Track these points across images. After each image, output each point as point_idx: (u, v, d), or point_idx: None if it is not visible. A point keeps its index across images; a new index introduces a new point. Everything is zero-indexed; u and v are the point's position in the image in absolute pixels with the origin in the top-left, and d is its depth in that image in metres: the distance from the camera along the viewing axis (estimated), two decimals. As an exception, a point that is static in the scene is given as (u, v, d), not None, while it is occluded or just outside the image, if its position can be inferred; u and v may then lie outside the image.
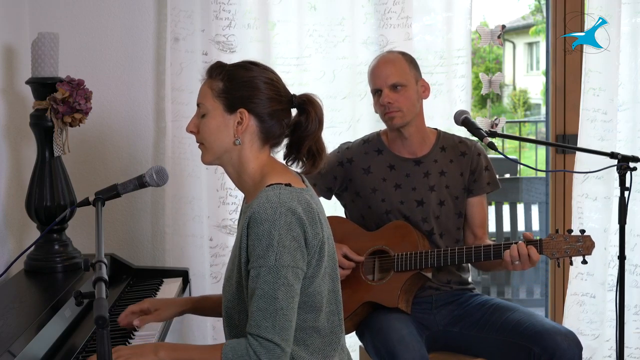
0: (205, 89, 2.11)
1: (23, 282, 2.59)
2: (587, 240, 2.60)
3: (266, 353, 1.92)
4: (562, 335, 2.59)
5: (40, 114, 2.68)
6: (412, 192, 2.83)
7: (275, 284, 1.94)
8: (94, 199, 2.12)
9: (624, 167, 2.67)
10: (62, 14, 3.22)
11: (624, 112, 3.44)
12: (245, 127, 2.07)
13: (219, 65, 2.12)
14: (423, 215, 2.83)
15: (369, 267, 2.83)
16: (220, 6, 3.23)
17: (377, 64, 2.83)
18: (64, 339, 2.16)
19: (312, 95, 2.15)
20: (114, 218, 3.34)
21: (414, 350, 2.56)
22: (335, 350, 2.12)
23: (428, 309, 2.84)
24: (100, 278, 1.65)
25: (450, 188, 2.85)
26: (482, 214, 2.91)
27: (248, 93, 2.07)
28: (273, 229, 1.95)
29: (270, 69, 2.14)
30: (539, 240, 2.63)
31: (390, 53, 2.91)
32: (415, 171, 2.84)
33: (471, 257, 2.71)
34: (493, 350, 2.73)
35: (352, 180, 2.87)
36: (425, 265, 2.73)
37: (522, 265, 2.63)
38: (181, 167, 3.25)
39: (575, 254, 2.61)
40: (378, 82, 2.79)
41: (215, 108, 2.08)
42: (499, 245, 2.68)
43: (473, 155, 2.87)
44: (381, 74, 2.79)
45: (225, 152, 2.10)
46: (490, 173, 2.90)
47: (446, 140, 2.89)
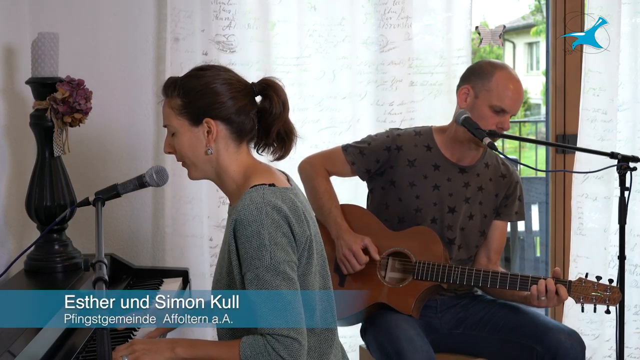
0: (166, 110, 2.11)
1: (23, 282, 2.59)
2: (615, 292, 2.60)
3: (285, 349, 1.92)
4: (565, 334, 2.60)
5: (40, 114, 2.68)
6: (448, 197, 2.81)
7: (276, 280, 1.94)
8: (94, 199, 2.12)
9: (624, 167, 2.67)
10: (62, 14, 3.21)
11: (624, 112, 3.45)
12: (216, 134, 2.07)
13: (172, 82, 2.11)
14: (451, 222, 2.81)
15: (383, 264, 2.80)
16: (220, 6, 3.23)
17: (516, 87, 2.76)
18: (64, 339, 2.16)
19: (272, 79, 2.12)
20: (114, 218, 3.34)
21: (423, 351, 2.56)
22: (330, 347, 2.12)
23: (433, 313, 2.84)
24: (100, 278, 1.65)
25: (482, 205, 2.85)
26: (502, 240, 2.91)
27: (207, 100, 2.06)
28: (262, 228, 1.95)
29: (221, 68, 2.13)
30: (568, 282, 2.61)
31: (518, 76, 2.82)
32: (457, 178, 2.83)
33: (496, 283, 2.68)
34: (496, 350, 2.73)
35: (393, 167, 2.83)
36: (447, 280, 2.71)
37: (547, 302, 2.60)
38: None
39: (601, 303, 2.61)
40: (510, 105, 2.74)
41: (181, 125, 2.08)
42: (526, 277, 2.65)
43: (512, 182, 2.89)
44: (516, 100, 2.75)
45: (204, 164, 2.10)
46: (521, 205, 2.91)
47: (491, 158, 2.89)
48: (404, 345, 2.56)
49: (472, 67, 2.88)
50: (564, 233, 3.62)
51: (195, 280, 3.19)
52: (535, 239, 5.70)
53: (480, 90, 2.76)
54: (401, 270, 2.78)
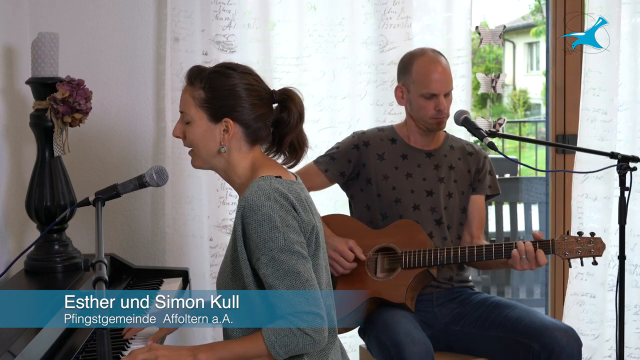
0: (186, 97, 2.12)
1: (23, 282, 2.59)
2: (598, 242, 2.63)
3: (308, 324, 1.94)
4: (561, 331, 2.60)
5: (40, 114, 2.68)
6: (423, 182, 2.88)
7: (292, 260, 1.96)
8: (94, 199, 2.12)
9: (624, 167, 2.67)
10: (62, 14, 3.22)
11: (624, 112, 3.44)
12: (232, 135, 2.09)
13: (199, 72, 2.12)
14: (432, 205, 2.87)
15: (372, 262, 2.83)
16: (220, 6, 3.23)
17: (436, 68, 2.84)
18: (64, 339, 2.16)
19: (291, 90, 2.15)
20: (114, 218, 3.34)
21: (421, 343, 2.58)
22: (332, 343, 2.13)
23: (429, 307, 2.85)
24: (100, 278, 1.65)
25: (458, 182, 2.91)
26: (481, 214, 2.97)
27: (231, 102, 2.08)
28: (272, 211, 1.97)
29: (248, 71, 2.14)
30: (551, 240, 2.65)
31: (439, 55, 2.89)
32: (426, 162, 2.90)
33: (482, 255, 2.73)
34: (493, 348, 2.74)
35: (365, 165, 2.89)
36: (434, 263, 2.74)
37: (529, 264, 2.65)
38: (181, 167, 3.25)
39: (586, 255, 2.63)
40: (437, 88, 2.82)
41: (199, 117, 2.10)
42: (510, 244, 2.70)
43: (480, 157, 2.96)
44: (442, 80, 2.82)
45: (213, 157, 2.12)
46: (493, 178, 2.97)
47: (454, 141, 2.98)
48: (402, 338, 2.58)
49: (399, 63, 2.95)
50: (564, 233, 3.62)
51: (195, 280, 3.19)
52: (535, 239, 5.69)
53: (409, 84, 2.86)
54: (390, 265, 2.81)
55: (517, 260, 2.66)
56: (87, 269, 1.78)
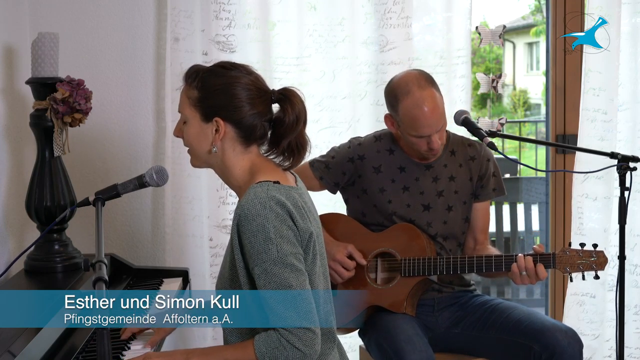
0: (183, 97, 2.11)
1: (23, 282, 2.59)
2: (600, 256, 2.59)
3: (299, 340, 1.94)
4: (562, 333, 2.60)
5: (40, 114, 2.68)
6: (420, 196, 2.81)
7: (284, 273, 1.95)
8: (94, 199, 2.12)
9: (624, 167, 2.67)
10: (62, 14, 3.22)
11: (624, 112, 3.44)
12: (223, 135, 2.07)
13: (194, 72, 2.11)
14: (429, 219, 2.81)
15: (372, 267, 2.82)
16: (220, 6, 3.23)
17: (423, 113, 2.64)
18: (64, 339, 2.16)
19: (290, 90, 2.11)
20: (114, 218, 3.34)
21: (421, 350, 2.56)
22: (331, 348, 2.13)
23: (430, 312, 2.84)
24: (100, 278, 1.65)
25: (459, 193, 2.84)
26: (485, 219, 2.91)
27: (222, 101, 2.06)
28: (266, 222, 1.95)
29: (245, 69, 2.11)
30: (552, 254, 2.61)
31: (426, 87, 2.67)
32: (424, 175, 2.82)
33: (482, 267, 2.69)
34: (494, 350, 2.73)
35: (361, 176, 2.84)
36: (434, 273, 2.72)
37: (529, 279, 2.61)
38: (181, 167, 3.25)
39: (588, 270, 2.60)
40: (427, 131, 2.66)
41: (193, 117, 2.09)
42: (510, 257, 2.66)
43: (482, 161, 2.85)
44: (431, 123, 2.65)
45: (208, 158, 2.11)
46: (497, 179, 2.89)
47: (456, 144, 2.86)
48: (403, 345, 2.57)
49: (385, 93, 2.79)
50: (564, 233, 3.62)
51: (195, 280, 3.19)
52: (535, 239, 5.70)
53: (398, 121, 2.73)
54: (389, 270, 2.79)
55: (517, 276, 2.61)
56: (87, 269, 1.78)
